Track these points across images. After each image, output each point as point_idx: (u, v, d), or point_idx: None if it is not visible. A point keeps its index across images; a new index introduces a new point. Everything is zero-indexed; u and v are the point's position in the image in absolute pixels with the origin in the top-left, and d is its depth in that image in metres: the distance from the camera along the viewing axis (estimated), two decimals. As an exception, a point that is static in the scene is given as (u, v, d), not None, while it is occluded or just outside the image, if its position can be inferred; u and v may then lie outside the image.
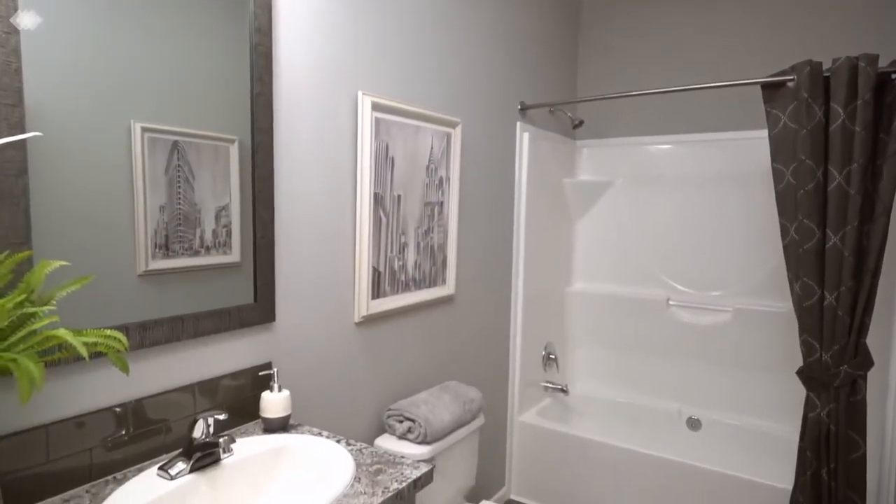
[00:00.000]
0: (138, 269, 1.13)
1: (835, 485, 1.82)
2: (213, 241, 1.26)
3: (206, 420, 1.09)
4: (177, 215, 1.19)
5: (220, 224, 1.28)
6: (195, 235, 1.23)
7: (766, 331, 2.52)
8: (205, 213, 1.25)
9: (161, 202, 1.16)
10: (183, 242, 1.21)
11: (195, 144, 1.22)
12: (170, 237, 1.18)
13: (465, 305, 2.23)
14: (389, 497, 1.04)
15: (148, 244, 1.14)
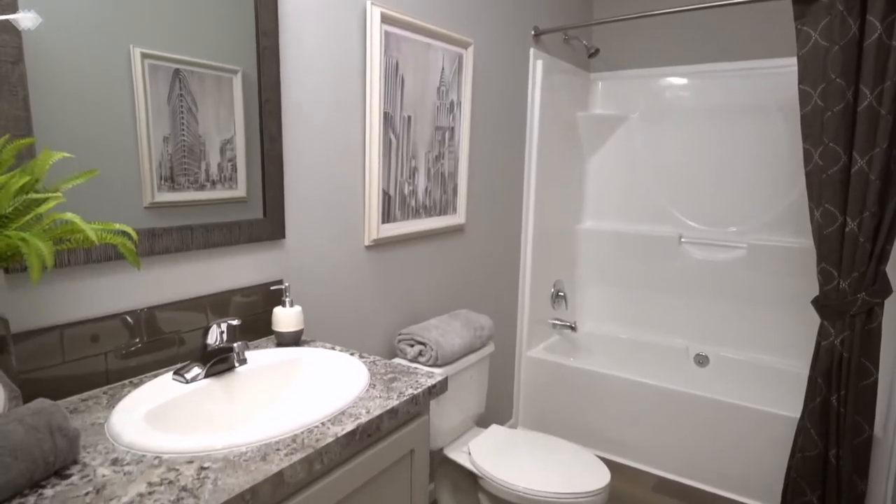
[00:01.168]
0: (144, 201, 1.10)
1: (843, 411, 1.83)
2: (218, 176, 1.24)
3: (219, 326, 1.09)
4: (181, 147, 1.16)
5: (226, 158, 1.25)
6: (200, 169, 1.20)
7: (779, 266, 2.49)
8: (209, 145, 1.21)
9: (165, 132, 1.13)
10: (188, 175, 1.18)
11: (197, 74, 1.17)
12: (175, 169, 1.15)
13: (476, 237, 2.20)
14: (405, 401, 1.04)
15: (153, 175, 1.12)
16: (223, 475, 0.77)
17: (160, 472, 0.77)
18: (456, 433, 1.85)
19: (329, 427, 0.92)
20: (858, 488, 1.85)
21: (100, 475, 0.76)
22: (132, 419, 0.90)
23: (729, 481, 2.20)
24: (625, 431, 2.42)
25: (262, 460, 0.81)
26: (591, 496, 1.54)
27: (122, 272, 1.08)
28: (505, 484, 1.57)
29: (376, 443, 1.01)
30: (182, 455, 0.82)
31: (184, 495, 0.72)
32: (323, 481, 0.89)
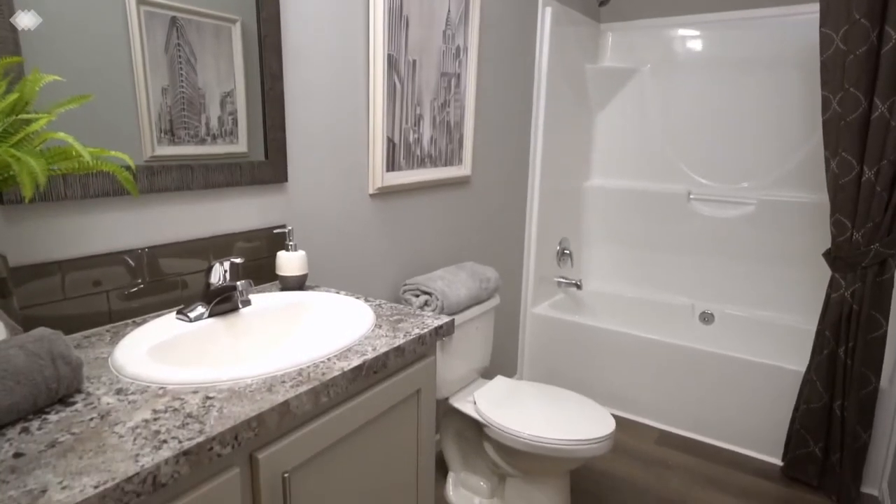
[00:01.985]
0: (144, 154, 1.07)
1: (851, 363, 1.82)
2: (219, 130, 1.20)
3: (222, 264, 1.07)
4: (180, 99, 1.12)
5: (226, 112, 1.21)
6: (201, 122, 1.17)
7: (788, 223, 2.45)
8: (209, 98, 1.17)
9: (163, 83, 1.09)
10: (188, 129, 1.15)
11: (195, 23, 1.12)
12: (174, 122, 1.12)
13: (481, 190, 2.16)
14: (411, 339, 1.02)
15: (153, 128, 1.08)
16: (228, 404, 0.76)
17: (165, 400, 0.76)
18: (461, 384, 1.85)
19: (335, 362, 0.91)
20: (861, 439, 1.85)
21: (104, 403, 0.75)
22: (136, 353, 0.89)
23: (732, 434, 2.21)
24: (629, 387, 2.43)
25: (267, 391, 0.80)
26: (596, 443, 1.55)
27: (122, 209, 1.06)
28: (510, 432, 1.58)
29: (383, 380, 1.00)
30: (187, 386, 0.81)
31: (189, 421, 0.71)
32: (330, 414, 0.88)
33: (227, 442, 0.70)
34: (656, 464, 2.11)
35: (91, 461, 0.62)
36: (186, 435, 0.68)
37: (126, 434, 0.68)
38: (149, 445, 0.66)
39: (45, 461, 0.62)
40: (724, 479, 2.02)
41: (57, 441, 0.66)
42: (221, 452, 0.70)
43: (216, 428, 0.70)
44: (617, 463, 2.11)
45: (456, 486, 1.89)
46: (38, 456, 0.63)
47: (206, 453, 0.68)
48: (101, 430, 0.69)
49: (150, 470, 0.62)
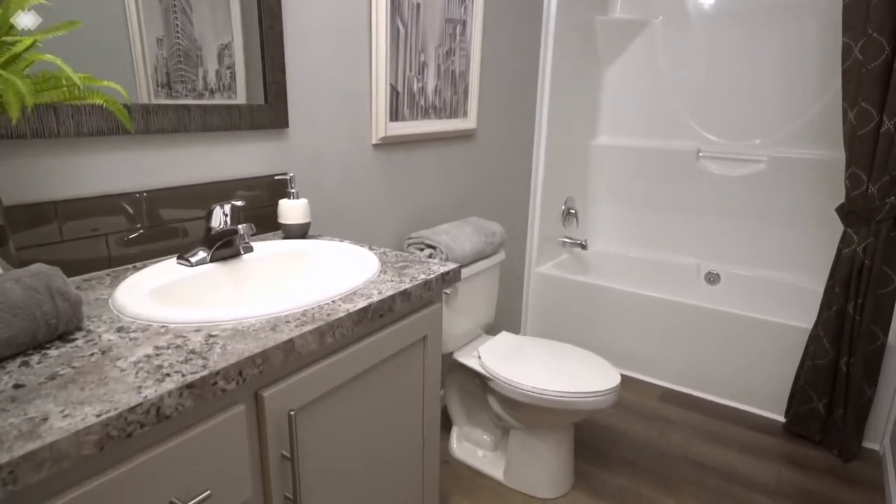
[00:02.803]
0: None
1: (859, 319, 1.80)
2: (216, 84, 1.16)
3: (222, 207, 1.04)
4: (176, 51, 1.08)
5: (224, 65, 1.16)
6: (198, 76, 1.12)
7: (799, 181, 2.40)
8: (206, 51, 1.13)
9: (158, 34, 1.04)
10: (185, 83, 1.10)
11: None
12: (171, 75, 1.08)
13: (486, 145, 2.11)
14: (418, 284, 1.00)
15: (149, 81, 1.04)
16: (232, 342, 0.74)
17: (167, 338, 0.75)
18: (466, 339, 1.85)
19: (340, 304, 0.89)
20: (866, 394, 1.85)
21: (105, 339, 0.74)
22: (137, 294, 0.87)
23: (734, 391, 2.22)
24: (632, 345, 2.43)
25: (271, 330, 0.78)
26: (602, 395, 1.54)
27: (118, 150, 1.02)
28: (515, 385, 1.58)
29: (389, 325, 0.99)
30: (189, 325, 0.79)
31: (192, 357, 0.69)
32: (336, 356, 0.87)
33: (232, 377, 0.69)
34: (659, 420, 2.13)
35: (92, 392, 0.61)
36: (190, 369, 0.66)
37: (128, 368, 0.66)
38: (151, 378, 0.64)
39: (45, 392, 0.60)
40: (725, 434, 2.03)
41: (57, 374, 0.64)
42: (226, 388, 0.68)
43: (220, 363, 0.68)
44: (619, 419, 2.13)
45: (460, 440, 1.91)
46: (39, 387, 0.61)
47: (210, 388, 0.66)
48: (102, 365, 0.67)
49: (154, 401, 0.60)
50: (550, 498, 1.68)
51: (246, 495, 0.75)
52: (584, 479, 1.77)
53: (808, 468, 1.85)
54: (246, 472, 0.74)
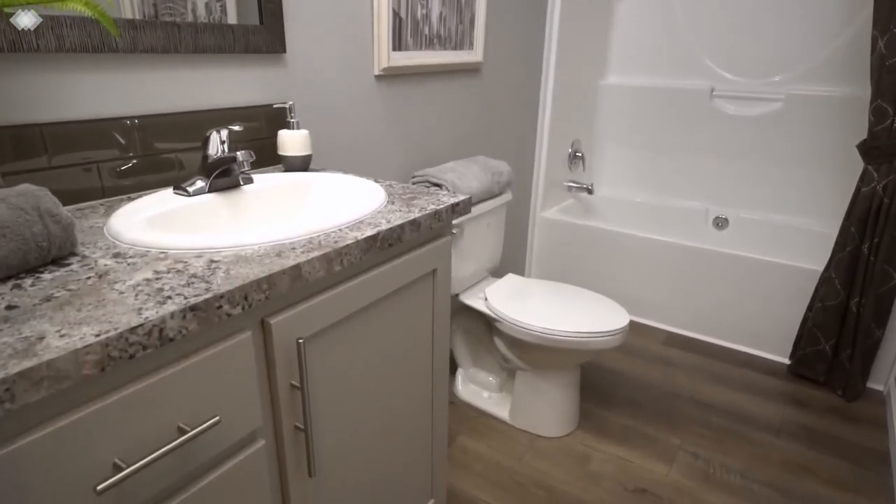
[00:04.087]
0: None
1: (874, 259, 1.77)
2: (206, 18, 1.07)
3: (219, 133, 0.98)
4: None
5: None
6: (186, 8, 1.03)
7: (818, 120, 2.32)
8: None
9: None
10: (173, 15, 1.01)
11: None
12: (158, 6, 0.99)
13: (493, 80, 2.02)
14: (427, 214, 0.96)
15: (134, 11, 0.95)
16: (235, 267, 0.70)
17: (167, 263, 0.71)
18: (472, 281, 1.82)
19: (348, 232, 0.84)
20: (875, 335, 1.84)
21: (101, 264, 0.70)
22: (133, 222, 0.82)
23: (740, 335, 2.21)
24: (637, 289, 2.41)
25: (277, 256, 0.74)
26: (610, 335, 1.53)
27: (104, 70, 0.95)
28: (522, 325, 1.56)
29: (398, 256, 0.95)
30: (190, 251, 0.75)
31: (194, 280, 0.66)
32: (344, 285, 0.83)
33: (237, 301, 0.65)
34: (664, 362, 2.13)
35: (90, 313, 0.57)
36: (192, 292, 0.63)
37: (127, 291, 0.63)
38: (152, 301, 0.60)
39: (40, 313, 0.57)
40: (730, 376, 2.04)
41: (52, 296, 0.61)
42: (231, 312, 0.65)
43: (224, 287, 0.64)
44: (624, 362, 2.13)
45: (465, 382, 1.91)
46: (33, 308, 0.58)
47: (215, 311, 0.63)
48: (99, 288, 0.63)
49: (155, 322, 0.57)
50: (556, 437, 1.70)
51: (256, 424, 0.73)
52: (588, 419, 1.78)
53: (812, 407, 1.87)
54: (255, 400, 0.72)
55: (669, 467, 1.58)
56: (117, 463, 0.57)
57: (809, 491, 1.50)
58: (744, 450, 1.66)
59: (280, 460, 0.80)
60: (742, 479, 1.54)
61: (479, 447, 1.66)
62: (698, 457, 1.62)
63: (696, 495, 1.48)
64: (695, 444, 1.68)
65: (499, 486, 1.50)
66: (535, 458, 1.62)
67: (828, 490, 1.51)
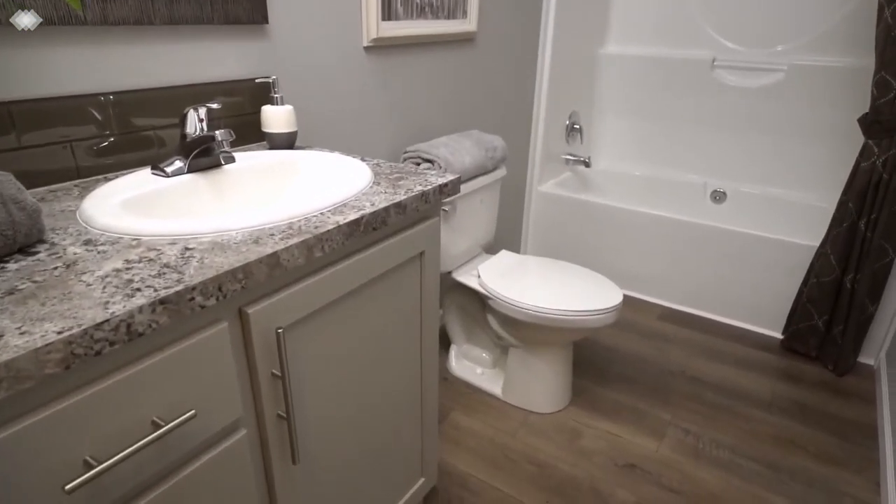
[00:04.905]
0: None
1: (870, 235, 1.75)
2: None
3: (196, 111, 0.94)
4: None
5: None
6: None
7: (820, 92, 2.26)
8: None
9: None
10: None
11: None
12: None
13: (487, 51, 1.96)
14: (413, 196, 0.93)
15: None
16: (210, 255, 0.68)
17: (139, 251, 0.68)
18: (465, 258, 1.80)
19: (329, 216, 0.81)
20: (868, 311, 1.84)
21: (70, 253, 0.67)
22: (107, 205, 0.79)
23: (734, 309, 2.21)
24: (633, 264, 2.40)
25: (254, 243, 0.71)
26: (604, 313, 1.52)
27: (73, 44, 0.90)
28: (515, 303, 1.55)
29: (383, 240, 0.92)
30: (163, 237, 0.72)
31: (166, 271, 0.63)
32: (326, 272, 0.81)
33: (211, 293, 0.63)
34: (657, 338, 2.13)
35: (55, 308, 0.55)
36: (163, 284, 0.60)
37: (94, 283, 0.60)
38: (120, 293, 0.58)
39: (1, 308, 0.54)
40: (722, 351, 2.04)
41: (16, 288, 0.58)
42: (205, 304, 0.62)
43: (196, 277, 0.62)
44: (618, 337, 2.13)
45: (458, 358, 1.91)
46: (-6, 303, 0.55)
47: (187, 303, 0.60)
48: (66, 279, 0.61)
49: (122, 317, 0.55)
50: (548, 413, 1.70)
51: (236, 414, 0.71)
52: (581, 395, 1.79)
53: (803, 382, 1.87)
54: (234, 390, 0.70)
55: (659, 443, 1.59)
56: (88, 461, 0.56)
57: (798, 466, 1.52)
58: (734, 425, 1.67)
59: (264, 448, 0.79)
60: (731, 454, 1.55)
61: (472, 423, 1.66)
62: (689, 432, 1.64)
63: (685, 470, 1.50)
64: (686, 419, 1.69)
65: (491, 463, 1.51)
66: (527, 434, 1.62)
67: (816, 465, 1.52)
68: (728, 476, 1.48)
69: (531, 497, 1.41)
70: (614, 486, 1.44)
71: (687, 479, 1.47)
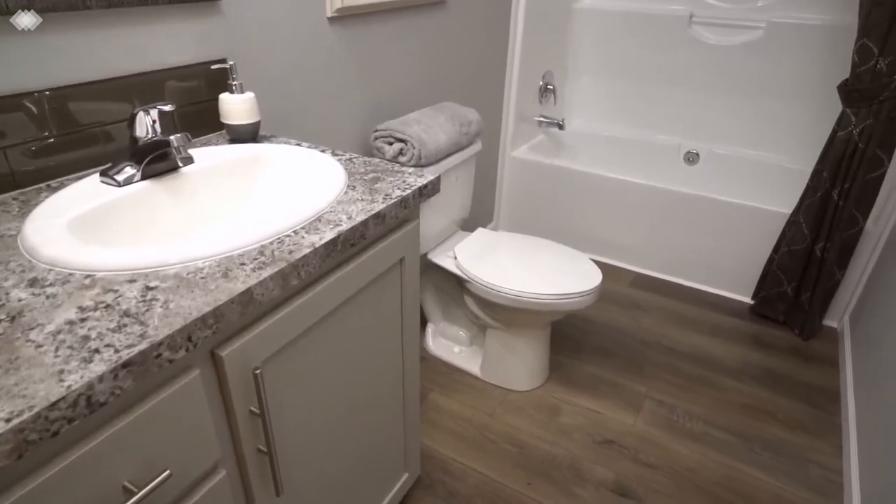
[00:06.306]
0: None
1: (842, 204, 1.77)
2: None
3: (147, 113, 0.84)
4: None
5: None
6: None
7: (800, 49, 2.22)
8: None
9: None
10: None
11: None
12: None
13: (460, 12, 1.84)
14: (392, 203, 0.87)
15: None
16: (176, 296, 0.61)
17: (94, 293, 0.61)
18: (440, 238, 1.75)
19: (304, 236, 0.75)
20: (835, 278, 1.88)
21: (14, 299, 0.60)
22: (53, 228, 0.71)
23: (705, 275, 2.24)
24: (607, 231, 2.39)
25: (223, 277, 0.65)
26: (582, 296, 1.51)
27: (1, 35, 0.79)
28: (493, 287, 1.52)
29: (362, 252, 0.87)
30: (121, 273, 0.65)
31: (127, 322, 0.57)
32: (303, 297, 0.76)
33: (179, 345, 0.57)
34: (632, 306, 2.15)
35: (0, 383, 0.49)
36: (125, 341, 0.54)
37: (45, 342, 0.54)
38: (76, 358, 0.52)
39: (-64, 387, 0.48)
40: (695, 318, 2.08)
41: (-48, 357, 0.52)
42: (173, 357, 0.57)
43: (162, 330, 0.56)
44: (594, 307, 2.14)
45: (435, 337, 1.90)
46: (-73, 379, 0.49)
47: (153, 361, 0.55)
48: (11, 339, 0.54)
49: (81, 390, 0.49)
50: (527, 390, 1.72)
51: (214, 458, 0.67)
52: (559, 370, 1.81)
53: (772, 347, 1.94)
54: (210, 436, 0.66)
55: (636, 417, 1.63)
56: (55, 544, 0.51)
57: (767, 434, 1.58)
58: (707, 395, 1.72)
59: (245, 485, 0.76)
60: (705, 425, 1.61)
61: (451, 404, 1.67)
62: (663, 404, 1.68)
63: (661, 444, 1.54)
64: (661, 391, 1.73)
65: (471, 445, 1.53)
66: (506, 412, 1.64)
67: (784, 432, 1.59)
68: (703, 448, 1.53)
69: (513, 478, 1.43)
70: (593, 463, 1.48)
71: (663, 453, 1.51)
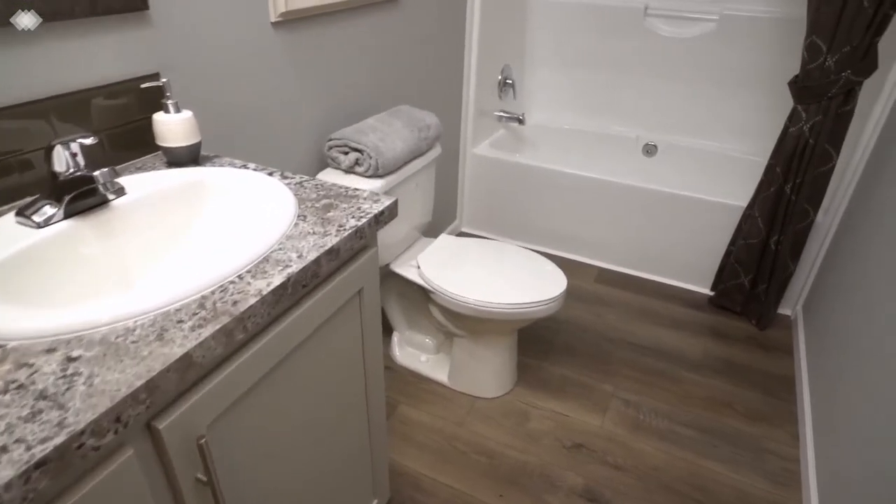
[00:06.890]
0: None
1: (795, 198, 1.80)
2: None
3: (67, 146, 0.76)
4: None
5: None
6: None
7: (753, 42, 2.24)
8: None
9: None
10: None
11: None
12: None
13: (414, 9, 1.77)
14: (347, 236, 0.81)
15: None
16: (102, 368, 0.55)
17: (5, 370, 0.54)
18: (402, 246, 1.70)
19: (250, 282, 0.69)
20: (789, 269, 1.93)
21: None
22: (-44, 291, 0.63)
23: (666, 268, 2.27)
24: (569, 226, 2.39)
25: (157, 340, 0.59)
26: (548, 304, 1.49)
27: None
28: (459, 298, 1.49)
29: (315, 290, 0.81)
30: (37, 340, 0.58)
31: (43, 406, 0.50)
32: (250, 350, 0.70)
33: (106, 429, 0.51)
34: (596, 302, 2.16)
35: None
36: (39, 434, 0.48)
37: (-56, 441, 0.47)
38: (-20, 459, 0.45)
39: None
40: (657, 312, 2.11)
41: None
42: (99, 444, 0.51)
43: (85, 414, 0.50)
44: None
45: (401, 346, 1.86)
46: None
47: (74, 453, 0.49)
48: None
49: (-15, 504, 0.43)
50: (495, 397, 1.70)
51: (159, 536, 0.62)
52: (527, 372, 1.80)
53: (731, 338, 1.98)
54: (153, 514, 0.60)
55: (603, 418, 1.64)
56: None
57: (727, 427, 1.62)
58: (670, 391, 1.74)
59: (196, 554, 0.70)
60: (669, 421, 1.63)
61: (420, 415, 1.64)
62: (629, 403, 1.69)
63: (627, 444, 1.55)
64: (627, 389, 1.74)
65: (441, 458, 1.50)
66: (475, 421, 1.62)
67: (743, 424, 1.63)
68: (667, 446, 1.55)
69: (483, 490, 1.42)
70: (564, 469, 1.48)
71: (630, 453, 1.53)
